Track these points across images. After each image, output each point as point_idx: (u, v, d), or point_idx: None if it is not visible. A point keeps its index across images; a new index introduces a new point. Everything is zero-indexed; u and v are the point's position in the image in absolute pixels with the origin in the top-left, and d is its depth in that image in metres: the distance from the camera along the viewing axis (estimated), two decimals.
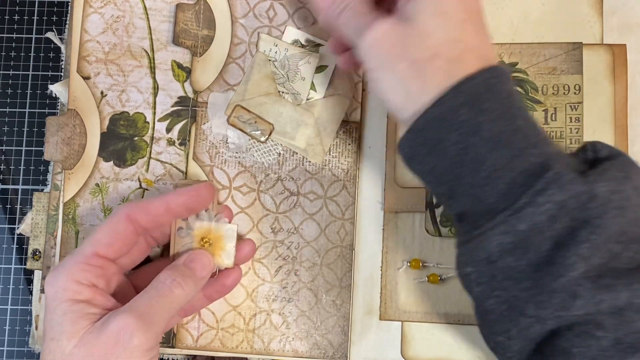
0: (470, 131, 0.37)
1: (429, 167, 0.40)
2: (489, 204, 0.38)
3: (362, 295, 0.52)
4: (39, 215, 0.52)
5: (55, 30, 0.57)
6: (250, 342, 0.51)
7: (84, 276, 0.42)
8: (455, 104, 0.38)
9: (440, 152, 0.39)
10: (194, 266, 0.45)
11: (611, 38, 0.52)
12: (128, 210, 0.44)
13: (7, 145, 0.56)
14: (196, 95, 0.53)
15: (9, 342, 0.54)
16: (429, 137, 0.39)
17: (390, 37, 0.40)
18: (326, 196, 0.52)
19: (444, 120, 0.38)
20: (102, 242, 0.44)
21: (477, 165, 0.38)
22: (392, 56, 0.40)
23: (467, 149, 0.38)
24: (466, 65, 0.39)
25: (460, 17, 0.39)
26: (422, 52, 0.39)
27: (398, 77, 0.40)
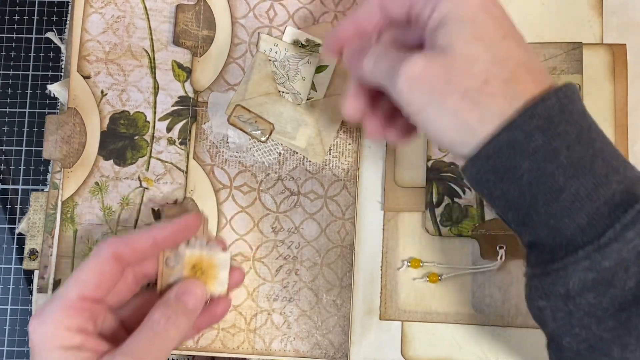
0: (546, 158, 0.35)
1: (499, 192, 0.37)
2: (567, 236, 0.36)
3: (362, 295, 0.52)
4: (37, 215, 0.52)
5: (55, 30, 0.57)
6: (252, 343, 0.51)
7: (73, 322, 0.40)
8: (528, 128, 0.35)
9: (512, 179, 0.36)
10: (187, 299, 0.43)
11: (611, 38, 0.52)
12: (113, 249, 0.42)
13: (7, 145, 0.56)
14: (196, 95, 0.53)
15: (9, 342, 0.54)
16: (499, 164, 0.36)
17: (431, 71, 0.36)
18: (326, 196, 0.52)
19: (516, 147, 0.35)
20: (88, 284, 0.41)
21: (555, 195, 0.35)
22: (438, 91, 0.36)
23: (543, 177, 0.35)
24: (523, 85, 0.36)
25: (500, 35, 0.37)
26: (471, 80, 0.36)
27: (451, 112, 0.36)
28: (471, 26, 0.36)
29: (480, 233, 0.51)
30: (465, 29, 0.36)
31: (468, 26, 0.36)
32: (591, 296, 0.35)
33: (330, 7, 0.54)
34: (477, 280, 0.51)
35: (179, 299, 0.43)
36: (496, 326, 0.50)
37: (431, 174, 0.52)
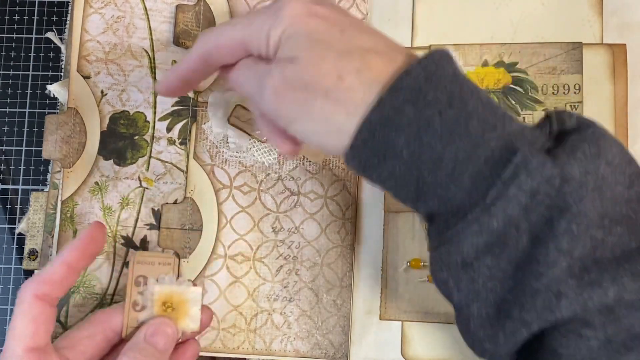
0: (420, 128, 0.34)
1: (386, 173, 0.36)
2: (456, 203, 0.35)
3: (362, 295, 0.52)
4: (37, 215, 0.52)
5: (55, 30, 0.57)
6: (252, 343, 0.51)
7: None
8: (396, 103, 0.34)
9: (394, 156, 0.35)
10: (156, 340, 0.42)
11: (611, 38, 0.52)
12: (34, 291, 0.41)
13: (7, 145, 0.56)
14: (196, 95, 0.53)
15: None
16: (377, 145, 0.35)
17: (287, 83, 0.37)
18: (327, 196, 0.52)
19: (388, 124, 0.35)
20: (26, 334, 0.40)
21: (436, 164, 0.35)
22: (300, 100, 0.36)
23: (422, 148, 0.35)
24: (376, 69, 0.36)
25: (337, 30, 0.37)
26: (325, 80, 0.36)
27: (320, 116, 0.36)
28: (306, 34, 0.37)
29: None
30: (303, 38, 0.37)
31: (303, 36, 0.37)
32: (488, 260, 0.35)
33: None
34: None
35: (148, 340, 0.42)
36: None
37: None
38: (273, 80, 0.37)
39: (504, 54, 0.53)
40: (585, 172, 0.34)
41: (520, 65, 0.53)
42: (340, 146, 0.37)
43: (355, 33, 0.37)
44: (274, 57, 0.38)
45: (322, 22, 0.37)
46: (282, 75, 0.37)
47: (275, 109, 0.38)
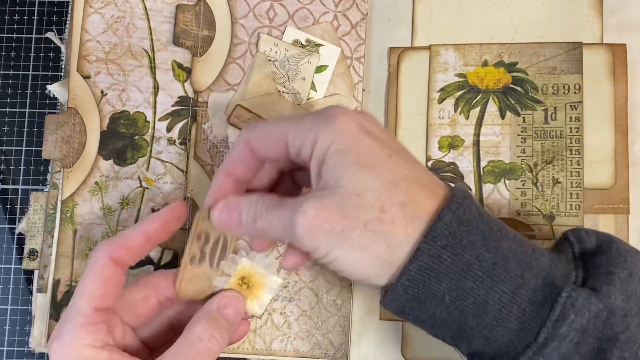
0: (461, 275, 0.35)
1: (425, 316, 0.37)
2: (505, 343, 0.35)
3: (362, 295, 0.52)
4: (37, 215, 0.52)
5: (55, 30, 0.57)
6: (252, 342, 0.51)
7: (94, 337, 0.40)
8: (434, 251, 0.35)
9: (435, 302, 0.36)
10: (228, 313, 0.42)
11: (611, 38, 0.52)
12: (109, 252, 0.41)
13: (7, 145, 0.56)
14: (196, 95, 0.53)
15: (9, 342, 0.54)
16: (418, 292, 0.36)
17: (327, 212, 0.35)
18: None
19: (428, 272, 0.35)
20: (96, 295, 0.40)
21: (480, 308, 0.35)
22: (340, 231, 0.35)
23: (464, 294, 0.35)
24: (420, 203, 0.36)
25: (386, 155, 0.36)
26: (368, 212, 0.35)
27: (359, 248, 0.35)
28: (355, 155, 0.36)
29: None
30: (349, 160, 0.36)
31: (352, 156, 0.36)
32: None
33: (330, 7, 0.54)
34: None
35: (220, 312, 0.42)
36: None
37: None
38: (306, 217, 0.36)
39: (504, 54, 0.53)
40: (627, 298, 0.35)
41: (520, 65, 0.53)
42: (376, 280, 0.37)
43: (401, 160, 0.37)
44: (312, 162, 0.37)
45: (373, 143, 0.36)
46: (320, 208, 0.36)
47: (309, 244, 0.36)
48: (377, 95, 0.54)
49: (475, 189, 0.52)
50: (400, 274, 0.35)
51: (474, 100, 0.53)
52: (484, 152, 0.52)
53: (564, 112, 0.51)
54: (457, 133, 0.52)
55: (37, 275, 0.51)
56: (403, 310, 0.37)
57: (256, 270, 0.44)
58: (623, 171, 0.50)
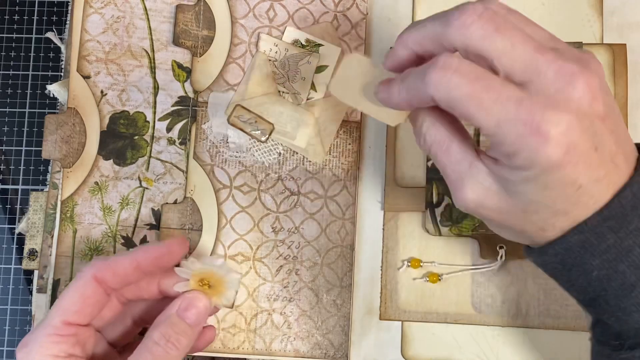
0: (618, 257, 0.34)
1: (564, 279, 0.37)
2: (636, 329, 0.36)
3: (362, 295, 0.52)
4: (36, 215, 0.52)
5: (55, 30, 0.57)
6: (252, 343, 0.51)
7: (59, 348, 0.40)
8: (600, 230, 0.34)
9: (581, 272, 0.36)
10: (189, 316, 0.42)
11: (611, 38, 0.52)
12: (95, 271, 0.41)
13: (7, 145, 0.56)
14: (196, 95, 0.53)
15: (9, 342, 0.54)
16: (567, 260, 0.36)
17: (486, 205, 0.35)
18: (326, 196, 0.52)
19: (587, 247, 0.35)
20: (71, 310, 0.41)
21: (625, 292, 0.35)
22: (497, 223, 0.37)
23: (614, 275, 0.35)
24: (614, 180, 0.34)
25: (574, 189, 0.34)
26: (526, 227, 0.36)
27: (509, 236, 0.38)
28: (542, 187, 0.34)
29: (480, 233, 0.51)
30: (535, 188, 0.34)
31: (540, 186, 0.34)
32: None
33: (330, 7, 0.54)
34: (477, 280, 0.51)
35: (180, 315, 0.42)
36: (496, 326, 0.50)
37: (431, 174, 0.52)
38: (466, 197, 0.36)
39: None
40: None
41: None
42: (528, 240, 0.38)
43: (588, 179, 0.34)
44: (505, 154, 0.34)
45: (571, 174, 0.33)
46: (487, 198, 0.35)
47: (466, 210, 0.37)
48: None
49: None
50: (558, 240, 0.35)
51: None
52: None
53: None
54: None
55: (37, 275, 0.51)
56: (544, 266, 0.38)
57: (212, 270, 0.43)
58: None
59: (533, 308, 0.50)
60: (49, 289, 0.50)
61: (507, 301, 0.50)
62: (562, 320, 0.50)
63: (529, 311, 0.50)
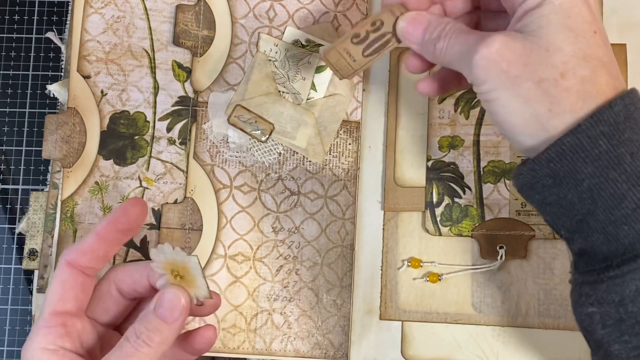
0: (610, 164, 0.34)
1: (554, 198, 0.37)
2: (625, 244, 0.35)
3: (362, 295, 0.52)
4: (37, 215, 0.52)
5: (55, 30, 0.57)
6: (252, 342, 0.51)
7: (47, 340, 0.40)
8: (594, 133, 0.34)
9: (571, 184, 0.35)
10: (162, 313, 0.40)
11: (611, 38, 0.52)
12: (66, 257, 0.42)
13: (7, 145, 0.56)
14: (196, 95, 0.53)
15: (9, 342, 0.54)
16: (559, 168, 0.35)
17: (510, 53, 0.36)
18: (327, 196, 0.52)
19: (580, 151, 0.35)
20: (54, 299, 0.41)
21: (616, 202, 0.35)
22: (514, 74, 0.35)
23: (605, 184, 0.34)
24: (599, 86, 0.35)
25: (592, 29, 0.36)
26: (550, 70, 0.35)
27: (522, 99, 0.36)
28: (565, 15, 0.35)
29: (480, 233, 0.51)
30: (557, 17, 0.35)
31: (563, 14, 0.35)
32: None
33: (330, 7, 0.54)
34: (477, 280, 0.51)
35: (155, 312, 0.41)
36: (496, 326, 0.50)
37: (431, 174, 0.52)
38: (490, 49, 0.36)
39: None
40: None
41: None
42: (523, 136, 0.37)
43: (602, 42, 0.36)
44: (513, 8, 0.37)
45: (588, 14, 0.36)
46: (507, 45, 0.36)
47: (480, 75, 0.36)
48: (377, 95, 0.54)
49: (475, 189, 0.52)
50: (552, 144, 0.35)
51: (474, 100, 0.53)
52: (484, 152, 0.52)
53: None
54: (457, 133, 0.53)
55: (37, 275, 0.51)
56: (534, 185, 0.37)
57: (174, 259, 0.41)
58: None
59: (533, 308, 0.50)
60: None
61: (507, 301, 0.51)
62: (562, 320, 0.50)
63: (529, 311, 0.50)
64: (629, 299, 0.35)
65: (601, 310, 0.36)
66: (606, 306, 0.36)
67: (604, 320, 0.36)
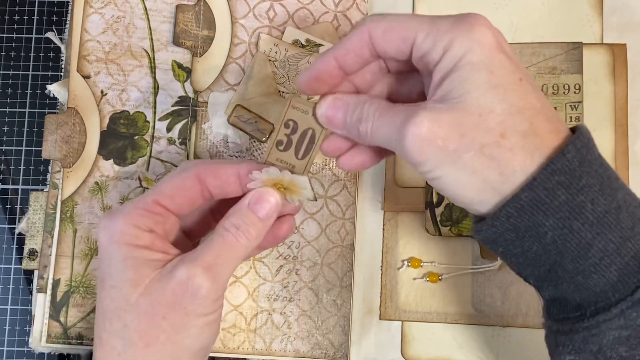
0: (571, 214, 0.33)
1: (518, 250, 0.36)
2: (597, 293, 0.35)
3: (362, 295, 0.52)
4: (36, 215, 0.52)
5: (55, 30, 0.57)
6: (252, 342, 0.51)
7: (142, 221, 0.40)
8: (550, 184, 0.33)
9: (535, 237, 0.34)
10: (259, 208, 0.41)
11: (611, 38, 0.52)
12: (199, 170, 0.42)
13: (7, 145, 0.56)
14: (196, 95, 0.53)
15: (9, 342, 0.54)
16: (519, 223, 0.34)
17: (442, 128, 0.34)
18: (327, 196, 0.52)
19: (539, 205, 0.33)
20: (166, 193, 0.42)
21: (582, 252, 0.34)
22: (452, 149, 0.34)
23: (570, 234, 0.34)
24: (542, 135, 0.34)
25: (517, 78, 0.34)
26: (488, 134, 0.33)
27: (469, 170, 0.34)
28: (488, 72, 0.34)
29: None
30: (481, 76, 0.34)
31: (485, 72, 0.34)
32: (623, 350, 0.35)
33: (330, 7, 0.54)
34: (477, 280, 0.51)
35: (251, 208, 0.41)
36: (496, 326, 0.50)
37: None
38: (420, 129, 0.34)
39: None
40: None
41: None
42: (479, 205, 0.35)
43: (530, 87, 0.35)
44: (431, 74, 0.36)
45: (508, 63, 0.34)
46: (437, 122, 0.34)
47: (417, 158, 0.35)
48: None
49: None
50: (509, 201, 0.34)
51: None
52: None
53: (564, 112, 0.51)
54: None
55: (37, 275, 0.51)
56: (496, 240, 0.36)
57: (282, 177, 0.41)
58: (623, 171, 0.50)
59: (533, 308, 0.50)
60: (49, 289, 0.50)
61: (507, 301, 0.51)
62: None
63: (528, 311, 0.50)
64: (607, 347, 0.35)
65: (580, 358, 0.36)
66: (584, 354, 0.35)
67: None
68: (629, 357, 0.35)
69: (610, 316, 0.34)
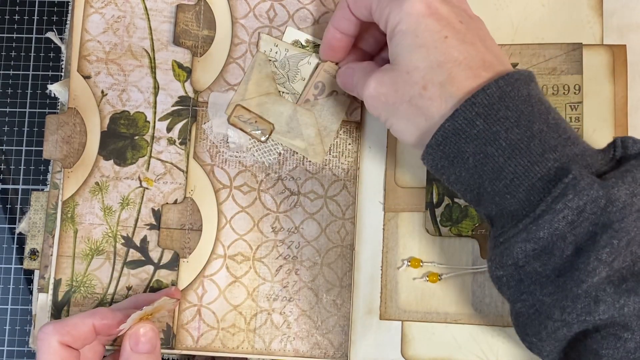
0: (487, 141, 0.39)
1: (454, 176, 0.41)
2: (510, 211, 0.39)
3: (362, 295, 0.52)
4: (37, 215, 0.52)
5: (56, 30, 0.57)
6: (251, 342, 0.51)
7: None
8: (469, 115, 0.39)
9: (461, 163, 0.40)
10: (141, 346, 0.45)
11: (611, 38, 0.52)
12: (59, 338, 0.43)
13: (7, 145, 0.56)
14: (197, 95, 0.53)
15: (9, 342, 0.54)
16: (447, 150, 0.40)
17: (384, 87, 0.42)
18: (326, 196, 0.52)
19: (460, 133, 0.39)
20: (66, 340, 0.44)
21: (497, 174, 0.39)
22: (392, 102, 0.42)
23: (486, 159, 0.39)
24: (459, 83, 0.40)
25: (442, 37, 0.40)
26: (413, 88, 0.41)
27: (405, 119, 0.42)
28: (412, 35, 0.41)
29: (480, 233, 0.51)
30: (408, 39, 0.41)
31: (411, 36, 0.41)
32: (537, 265, 0.39)
33: (330, 7, 0.54)
34: (477, 280, 0.51)
35: (134, 350, 0.44)
36: (496, 326, 0.50)
37: (431, 175, 0.52)
38: (369, 89, 0.43)
39: None
40: (632, 195, 0.37)
41: (521, 66, 0.53)
42: (419, 144, 0.42)
43: (456, 42, 0.41)
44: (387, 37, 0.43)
45: (435, 24, 0.41)
46: (379, 83, 0.43)
47: (372, 112, 0.44)
48: None
49: None
50: (437, 131, 0.40)
51: None
52: None
53: (564, 112, 0.51)
54: None
55: (37, 275, 0.51)
56: (437, 167, 0.42)
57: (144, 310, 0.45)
58: None
59: None
60: (51, 289, 0.50)
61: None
62: None
63: None
64: (522, 261, 0.39)
65: (506, 273, 0.40)
66: (508, 269, 0.40)
67: (509, 282, 0.41)
68: (541, 272, 0.39)
69: (516, 231, 0.38)
